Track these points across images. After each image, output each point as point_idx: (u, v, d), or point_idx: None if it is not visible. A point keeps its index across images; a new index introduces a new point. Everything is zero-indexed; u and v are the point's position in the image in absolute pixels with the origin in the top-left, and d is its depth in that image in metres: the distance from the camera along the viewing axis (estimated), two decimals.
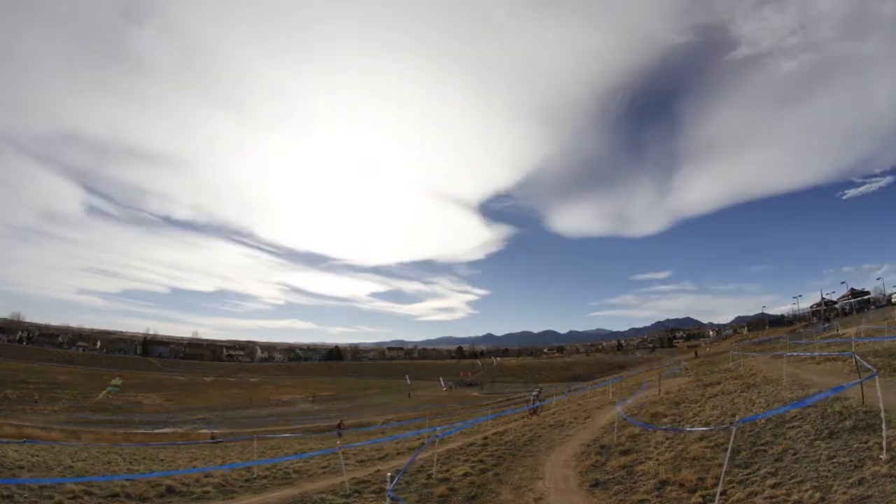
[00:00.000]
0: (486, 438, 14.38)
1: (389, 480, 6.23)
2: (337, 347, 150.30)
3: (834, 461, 6.03)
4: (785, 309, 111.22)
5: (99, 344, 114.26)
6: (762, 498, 5.53)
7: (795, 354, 17.52)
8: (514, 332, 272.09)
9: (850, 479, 5.37)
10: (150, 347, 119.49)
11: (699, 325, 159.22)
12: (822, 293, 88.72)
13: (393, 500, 5.50)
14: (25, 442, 15.60)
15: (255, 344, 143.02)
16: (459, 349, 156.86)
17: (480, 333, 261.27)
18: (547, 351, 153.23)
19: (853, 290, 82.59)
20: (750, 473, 6.40)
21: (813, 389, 10.71)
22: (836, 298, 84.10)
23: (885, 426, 6.09)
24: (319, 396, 74.41)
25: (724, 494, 5.84)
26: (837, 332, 31.86)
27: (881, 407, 6.29)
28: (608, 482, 7.65)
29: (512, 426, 17.88)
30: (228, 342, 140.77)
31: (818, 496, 5.18)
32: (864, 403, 7.83)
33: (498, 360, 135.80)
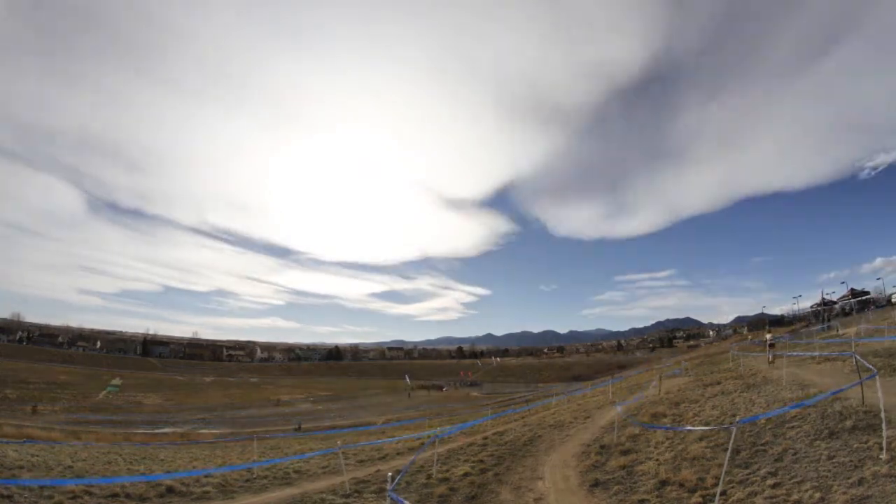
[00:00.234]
0: (486, 438, 14.39)
1: (390, 480, 6.23)
2: (337, 348, 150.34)
3: (834, 461, 6.03)
4: (785, 309, 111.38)
5: (99, 344, 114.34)
6: (762, 498, 5.53)
7: (795, 354, 17.52)
8: (514, 332, 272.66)
9: (850, 479, 5.37)
10: (150, 347, 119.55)
11: (699, 325, 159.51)
12: (822, 293, 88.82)
13: (393, 499, 5.49)
14: (25, 442, 15.60)
15: (255, 344, 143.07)
16: (459, 349, 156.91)
17: (480, 333, 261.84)
18: (547, 351, 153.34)
19: (853, 290, 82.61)
20: (750, 473, 6.40)
21: (813, 389, 10.71)
22: (836, 298, 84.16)
23: (885, 426, 6.09)
24: (319, 396, 74.43)
25: (724, 494, 5.84)
26: (837, 332, 31.84)
27: (881, 407, 6.29)
28: (608, 482, 7.65)
29: (512, 426, 17.87)
30: (228, 342, 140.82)
31: (818, 496, 5.18)
32: (864, 403, 7.83)
33: (498, 360, 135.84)
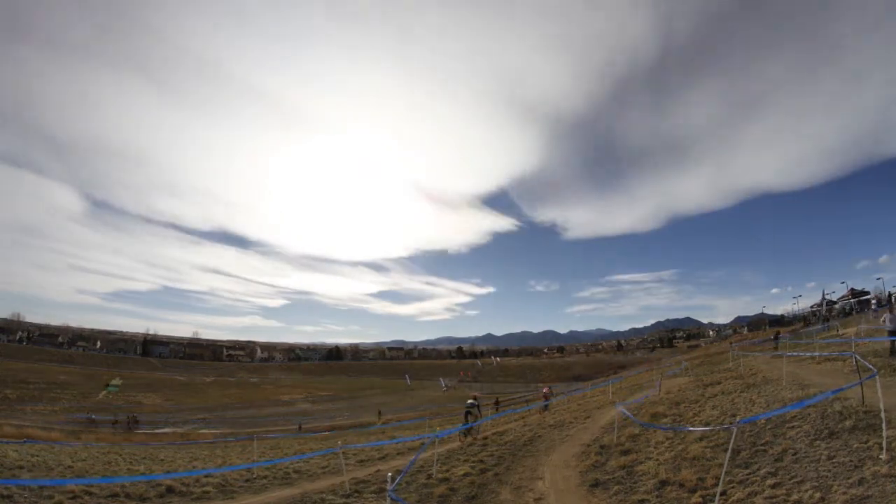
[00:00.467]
0: (486, 438, 14.38)
1: (390, 480, 6.23)
2: (337, 347, 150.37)
3: (834, 461, 6.03)
4: (785, 308, 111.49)
5: (99, 344, 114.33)
6: (762, 498, 5.53)
7: (795, 354, 17.52)
8: (514, 332, 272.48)
9: (850, 479, 5.37)
10: (149, 347, 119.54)
11: (699, 325, 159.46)
12: (823, 293, 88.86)
13: (393, 500, 5.49)
14: (25, 442, 15.60)
15: (255, 344, 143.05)
16: (459, 349, 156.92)
17: (480, 333, 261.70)
18: (547, 351, 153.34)
19: (853, 289, 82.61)
20: (750, 473, 6.40)
21: (813, 389, 10.70)
22: (836, 298, 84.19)
23: (885, 426, 6.08)
24: (319, 396, 74.44)
25: (724, 494, 5.84)
26: (837, 332, 31.82)
27: (881, 407, 6.29)
28: (608, 482, 7.65)
29: (512, 426, 17.88)
30: (228, 342, 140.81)
31: (818, 496, 5.18)
32: (864, 403, 7.82)
33: (498, 360, 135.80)
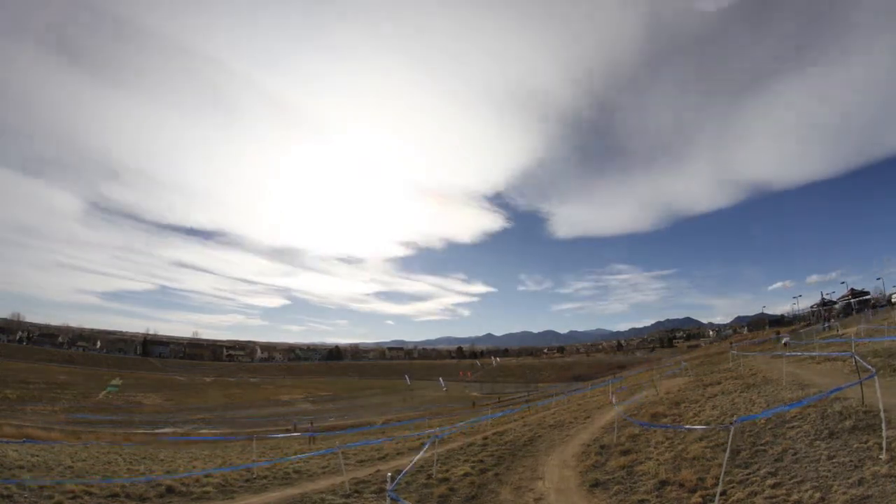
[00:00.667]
0: (485, 438, 14.38)
1: (389, 480, 6.23)
2: (337, 347, 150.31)
3: (834, 461, 6.03)
4: (785, 308, 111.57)
5: (99, 344, 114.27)
6: (762, 498, 5.53)
7: (795, 354, 17.52)
8: (514, 332, 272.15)
9: (850, 479, 5.38)
10: (150, 347, 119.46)
11: (699, 325, 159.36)
12: (821, 293, 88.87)
13: (393, 500, 5.49)
14: (25, 442, 15.60)
15: (255, 344, 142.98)
16: (459, 349, 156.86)
17: (480, 333, 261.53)
18: (547, 351, 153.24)
19: (853, 290, 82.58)
20: (750, 473, 6.40)
21: (813, 389, 10.70)
22: (835, 298, 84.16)
23: (884, 426, 6.09)
24: (319, 396, 74.43)
25: (724, 494, 5.84)
26: (837, 332, 31.82)
27: (881, 407, 6.29)
28: (608, 482, 7.65)
29: (512, 426, 17.88)
30: (228, 342, 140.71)
31: (818, 496, 5.18)
32: (863, 403, 7.83)
33: (498, 360, 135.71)
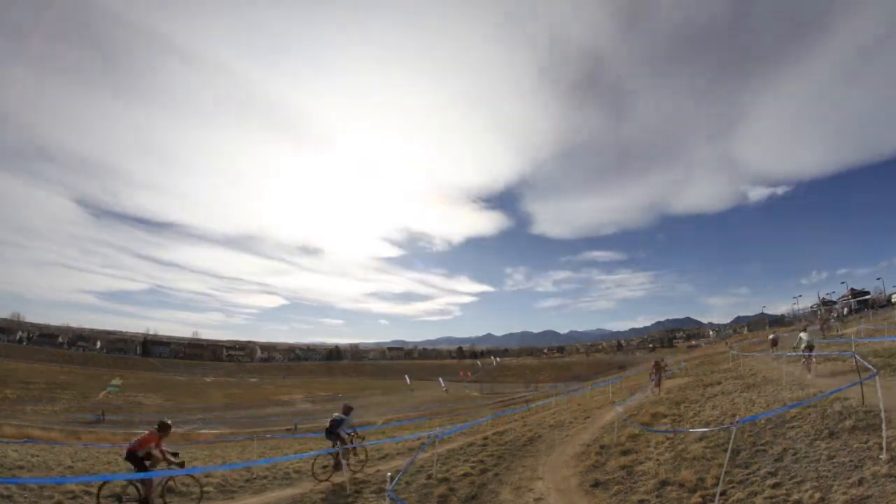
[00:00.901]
0: (486, 438, 14.37)
1: (389, 480, 6.24)
2: (337, 348, 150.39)
3: (834, 461, 6.03)
4: (785, 309, 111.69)
5: (99, 344, 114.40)
6: (762, 498, 5.54)
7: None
8: (514, 332, 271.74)
9: (850, 479, 5.38)
10: (150, 347, 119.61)
11: (699, 325, 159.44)
12: (819, 294, 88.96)
13: (393, 500, 5.50)
14: (25, 442, 15.59)
15: (255, 344, 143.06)
16: (459, 349, 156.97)
17: (480, 333, 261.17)
18: (547, 351, 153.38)
19: (853, 290, 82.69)
20: (750, 473, 6.40)
21: (813, 389, 10.70)
22: (835, 298, 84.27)
23: (885, 426, 6.09)
24: (319, 396, 74.47)
25: (724, 494, 5.85)
26: (837, 332, 31.82)
27: (881, 407, 6.29)
28: (608, 482, 7.65)
29: (512, 426, 17.87)
30: (228, 342, 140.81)
31: (818, 496, 5.18)
32: (864, 403, 7.83)
33: (498, 360, 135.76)
